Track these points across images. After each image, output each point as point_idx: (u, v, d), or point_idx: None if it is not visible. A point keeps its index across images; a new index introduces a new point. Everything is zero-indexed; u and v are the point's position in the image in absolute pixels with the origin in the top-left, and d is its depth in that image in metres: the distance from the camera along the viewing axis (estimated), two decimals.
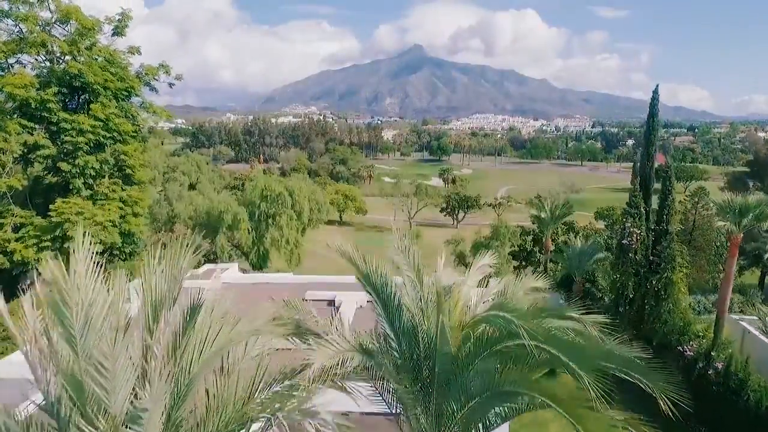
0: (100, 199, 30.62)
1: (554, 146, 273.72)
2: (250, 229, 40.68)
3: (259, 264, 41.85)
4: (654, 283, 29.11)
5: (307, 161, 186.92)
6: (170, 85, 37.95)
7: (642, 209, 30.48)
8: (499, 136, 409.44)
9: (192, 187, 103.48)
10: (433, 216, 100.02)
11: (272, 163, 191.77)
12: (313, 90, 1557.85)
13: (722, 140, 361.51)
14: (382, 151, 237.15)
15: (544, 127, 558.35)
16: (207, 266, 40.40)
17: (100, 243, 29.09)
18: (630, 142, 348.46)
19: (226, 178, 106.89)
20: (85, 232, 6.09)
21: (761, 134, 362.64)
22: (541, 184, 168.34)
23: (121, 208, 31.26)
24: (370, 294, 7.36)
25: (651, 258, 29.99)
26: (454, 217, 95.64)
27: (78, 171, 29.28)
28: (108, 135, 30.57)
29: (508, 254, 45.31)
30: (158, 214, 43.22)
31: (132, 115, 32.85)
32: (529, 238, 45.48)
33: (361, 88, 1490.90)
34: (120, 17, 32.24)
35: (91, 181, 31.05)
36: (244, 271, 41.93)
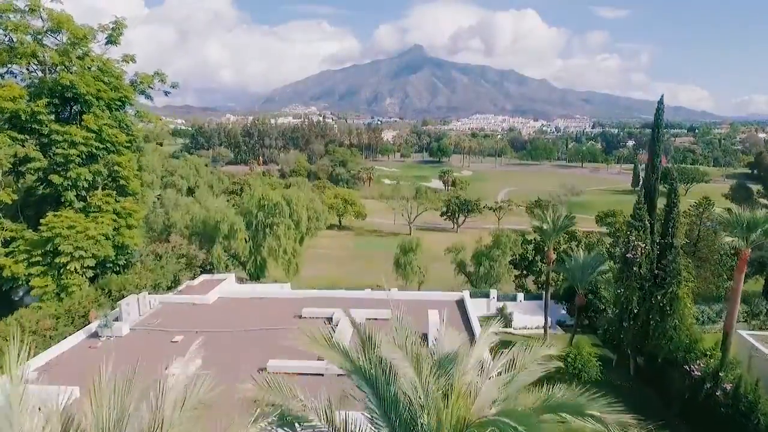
0: (93, 212, 29.93)
1: (554, 147, 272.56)
2: (248, 239, 40.02)
3: (257, 274, 41.20)
4: (659, 298, 28.44)
5: (307, 163, 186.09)
6: (166, 93, 37.42)
7: (646, 222, 29.80)
8: (499, 137, 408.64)
9: (190, 191, 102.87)
10: (433, 219, 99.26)
11: (272, 165, 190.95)
12: (313, 90, 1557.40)
13: (722, 141, 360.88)
14: (381, 152, 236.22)
15: (544, 128, 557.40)
16: (203, 277, 39.71)
17: (92, 257, 28.48)
18: (630, 143, 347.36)
19: (224, 182, 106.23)
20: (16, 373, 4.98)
21: (762, 135, 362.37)
22: (542, 186, 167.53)
23: (114, 221, 30.57)
24: (364, 391, 6.33)
25: (656, 272, 29.33)
26: (455, 220, 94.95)
27: (70, 183, 28.60)
28: (101, 146, 29.91)
29: (509, 263, 44.66)
30: (154, 222, 42.60)
31: (126, 124, 32.19)
32: (531, 246, 44.80)
33: (361, 88, 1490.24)
34: (114, 25, 31.60)
35: (84, 192, 30.42)
36: (241, 280, 41.29)
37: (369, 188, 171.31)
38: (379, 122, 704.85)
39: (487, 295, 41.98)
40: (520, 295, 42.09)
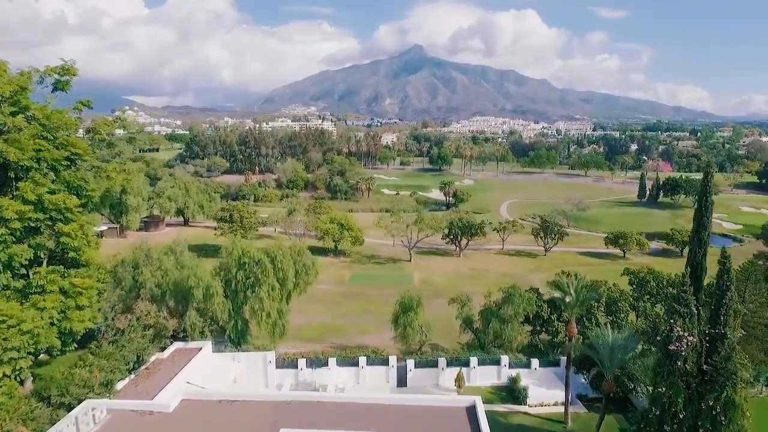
0: (35, 292, 25.19)
1: (557, 155, 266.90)
2: (226, 301, 35.26)
3: (238, 340, 36.44)
4: (711, 403, 23.72)
5: (304, 173, 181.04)
6: (130, 140, 32.73)
7: (693, 307, 25.04)
8: (499, 139, 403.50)
9: (179, 212, 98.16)
10: (435, 240, 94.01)
11: (268, 174, 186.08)
12: (313, 90, 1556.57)
13: (726, 145, 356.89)
14: (381, 160, 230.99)
15: (545, 131, 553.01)
16: (176, 345, 34.93)
17: (28, 356, 23.74)
18: (633, 147, 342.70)
19: (216, 201, 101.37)
20: None
21: (766, 139, 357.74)
22: (546, 197, 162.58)
23: (61, 302, 25.82)
24: None
25: (705, 368, 24.66)
26: (457, 243, 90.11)
27: (3, 265, 23.85)
28: (44, 216, 25.16)
29: (522, 323, 39.78)
30: (123, 277, 37.76)
31: (78, 185, 27.41)
32: (546, 304, 39.97)
33: (361, 88, 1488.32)
34: (61, 70, 26.83)
35: (23, 270, 25.69)
36: (220, 347, 36.51)
37: (368, 199, 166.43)
38: (378, 123, 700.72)
39: (497, 362, 37.25)
40: (535, 362, 37.32)
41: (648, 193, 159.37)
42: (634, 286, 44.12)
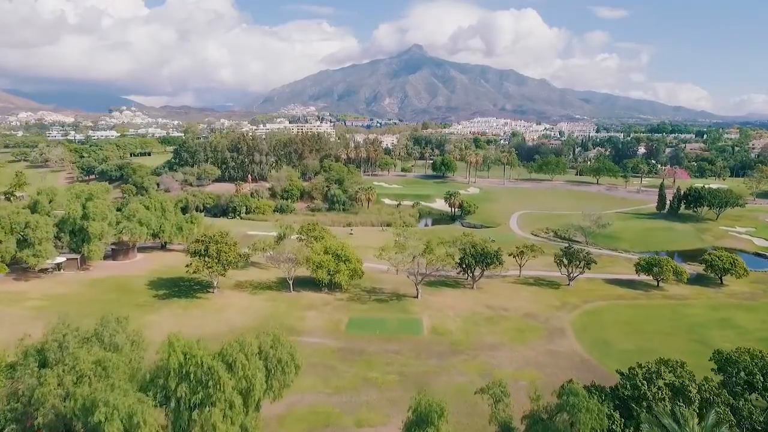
0: None
1: (565, 161, 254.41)
2: (165, 426, 24.28)
3: None
4: None
5: (300, 181, 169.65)
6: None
7: None
8: (501, 141, 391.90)
9: (155, 235, 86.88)
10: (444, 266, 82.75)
11: (262, 183, 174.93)
12: (312, 90, 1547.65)
13: (735, 148, 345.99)
14: (381, 166, 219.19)
15: (547, 132, 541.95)
16: None
17: None
18: (641, 150, 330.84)
19: (198, 221, 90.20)
20: None
21: None
22: (558, 208, 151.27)
23: None
24: None
25: None
26: (470, 274, 78.99)
27: None
28: None
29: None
30: (22, 380, 26.64)
31: None
32: (617, 412, 28.73)
33: (360, 88, 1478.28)
34: None
35: None
36: None
37: (368, 210, 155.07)
38: (378, 124, 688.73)
39: None
40: None
41: (668, 204, 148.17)
42: (727, 372, 32.98)
